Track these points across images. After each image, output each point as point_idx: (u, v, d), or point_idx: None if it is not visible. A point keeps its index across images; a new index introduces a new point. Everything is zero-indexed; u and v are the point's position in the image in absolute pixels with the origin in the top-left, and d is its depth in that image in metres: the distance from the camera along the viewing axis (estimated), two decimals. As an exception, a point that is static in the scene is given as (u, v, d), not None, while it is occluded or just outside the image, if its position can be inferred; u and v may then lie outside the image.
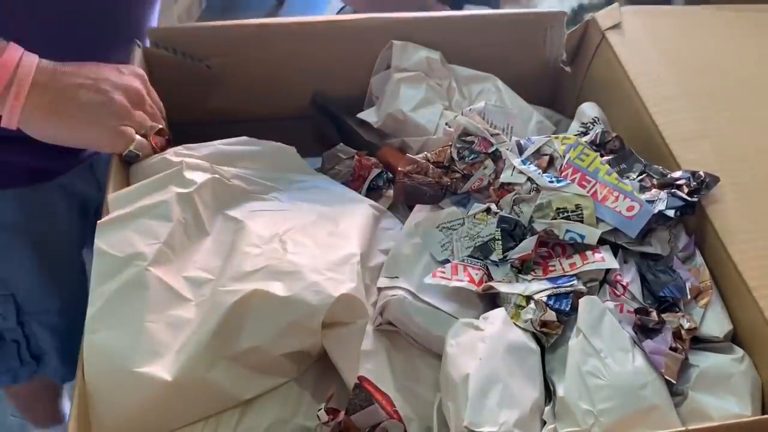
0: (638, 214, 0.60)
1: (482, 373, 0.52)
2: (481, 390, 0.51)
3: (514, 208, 0.63)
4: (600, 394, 0.52)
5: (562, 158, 0.65)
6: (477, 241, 0.62)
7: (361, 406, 0.50)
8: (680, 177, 0.64)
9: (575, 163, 0.64)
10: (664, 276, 0.60)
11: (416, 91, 0.78)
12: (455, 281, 0.59)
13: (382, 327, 0.60)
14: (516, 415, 0.51)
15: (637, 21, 0.82)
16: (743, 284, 0.58)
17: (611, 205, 0.61)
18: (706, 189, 0.63)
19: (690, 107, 0.72)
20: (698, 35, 0.83)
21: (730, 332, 0.59)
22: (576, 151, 0.64)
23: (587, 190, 0.62)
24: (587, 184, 0.63)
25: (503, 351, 0.54)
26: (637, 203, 0.60)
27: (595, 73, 0.83)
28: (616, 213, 0.61)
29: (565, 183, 0.62)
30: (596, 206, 0.62)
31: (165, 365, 0.53)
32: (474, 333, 0.55)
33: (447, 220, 0.65)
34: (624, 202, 0.61)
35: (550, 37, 0.86)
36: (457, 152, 0.67)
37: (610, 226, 0.61)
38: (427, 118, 0.77)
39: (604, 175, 0.63)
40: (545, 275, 0.59)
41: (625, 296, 0.58)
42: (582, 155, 0.64)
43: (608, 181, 0.62)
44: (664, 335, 0.56)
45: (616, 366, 0.53)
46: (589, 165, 0.63)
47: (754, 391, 0.56)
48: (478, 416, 0.50)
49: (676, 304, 0.59)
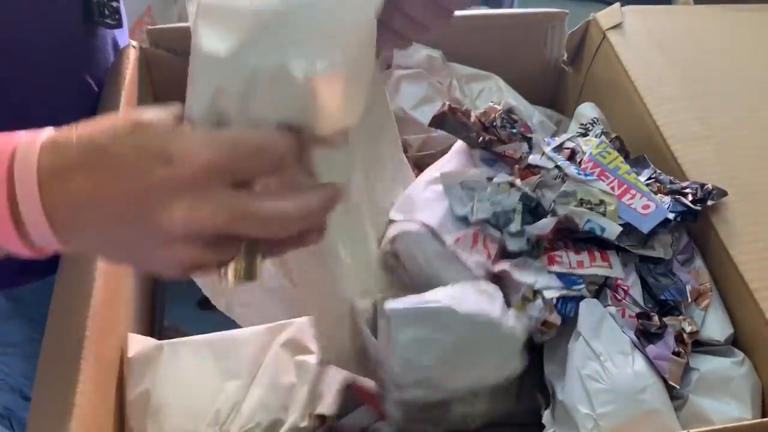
0: (653, 213, 0.60)
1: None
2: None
3: (536, 191, 0.62)
4: (600, 398, 0.52)
5: (583, 153, 0.65)
6: (497, 208, 0.61)
7: (349, 410, 0.50)
8: (687, 186, 0.64)
9: (596, 158, 0.64)
10: (664, 279, 0.60)
11: (417, 89, 0.78)
12: (475, 255, 0.58)
13: (386, 257, 0.59)
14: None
15: (638, 21, 0.81)
16: (744, 286, 0.58)
17: (627, 201, 0.61)
18: (712, 200, 0.63)
19: (691, 108, 0.72)
20: (700, 35, 0.82)
21: (731, 336, 0.59)
22: (599, 148, 0.64)
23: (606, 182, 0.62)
24: (605, 180, 0.62)
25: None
26: (653, 203, 0.60)
27: (596, 73, 0.83)
28: (631, 209, 0.60)
29: (593, 178, 0.62)
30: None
31: None
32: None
33: (471, 179, 0.63)
34: (640, 200, 0.60)
35: (551, 37, 0.85)
36: (500, 120, 0.66)
37: (622, 220, 0.60)
38: (428, 116, 0.77)
39: (624, 174, 0.62)
40: (551, 264, 0.59)
41: (627, 300, 0.58)
42: (604, 152, 0.64)
43: (627, 179, 0.62)
44: (666, 339, 0.55)
45: (615, 370, 0.53)
46: (609, 162, 0.63)
47: (755, 394, 0.56)
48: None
49: (677, 307, 0.59)
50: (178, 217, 0.36)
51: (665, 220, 0.61)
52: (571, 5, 0.92)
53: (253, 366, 0.59)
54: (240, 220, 0.37)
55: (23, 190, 0.36)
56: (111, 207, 0.37)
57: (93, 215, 0.37)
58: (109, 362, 0.55)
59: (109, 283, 0.55)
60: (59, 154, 0.37)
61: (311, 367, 0.59)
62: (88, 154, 0.37)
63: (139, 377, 0.57)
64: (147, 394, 0.56)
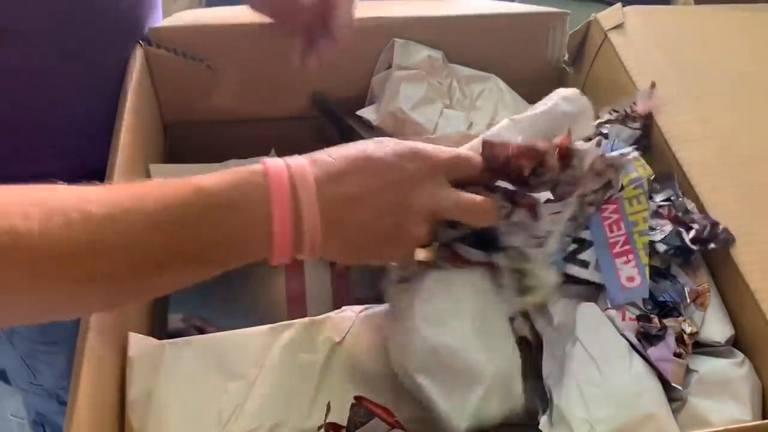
0: (631, 289, 0.57)
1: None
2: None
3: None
4: (596, 402, 0.52)
5: (617, 189, 0.59)
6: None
7: (362, 422, 0.50)
8: (698, 221, 0.61)
9: (623, 203, 0.60)
10: (662, 281, 0.60)
11: (416, 90, 0.78)
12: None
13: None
14: None
15: (639, 21, 0.81)
16: (745, 286, 0.58)
17: (618, 263, 0.58)
18: (716, 244, 0.59)
19: (693, 108, 0.72)
20: (702, 35, 0.82)
21: (731, 337, 0.59)
22: (633, 192, 0.60)
23: (611, 234, 0.58)
24: (616, 229, 0.59)
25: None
26: (640, 278, 0.57)
27: (597, 73, 0.82)
28: (615, 274, 0.57)
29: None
30: (604, 253, 0.58)
31: None
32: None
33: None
34: (630, 269, 0.57)
35: (552, 38, 0.85)
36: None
37: (598, 276, 0.57)
38: (427, 117, 0.77)
39: (636, 234, 0.58)
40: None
41: (626, 303, 0.58)
42: (634, 200, 0.60)
43: (635, 240, 0.58)
44: (668, 341, 0.55)
45: (612, 374, 0.53)
46: (632, 214, 0.59)
47: (755, 395, 0.55)
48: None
49: (676, 308, 0.59)
50: (425, 197, 0.48)
51: (674, 247, 0.59)
52: (573, 5, 0.92)
53: (255, 366, 0.59)
54: (455, 206, 0.50)
55: (305, 198, 0.44)
56: (377, 197, 0.47)
57: (362, 206, 0.47)
58: (109, 362, 0.55)
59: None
60: (328, 165, 0.46)
61: (315, 368, 0.59)
62: (356, 160, 0.47)
63: (140, 377, 0.57)
64: (148, 394, 0.56)
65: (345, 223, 0.46)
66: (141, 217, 0.40)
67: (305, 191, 0.44)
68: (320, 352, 0.60)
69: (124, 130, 0.68)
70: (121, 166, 0.65)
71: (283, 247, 0.45)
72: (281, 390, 0.58)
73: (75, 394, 0.48)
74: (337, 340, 0.61)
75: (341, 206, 0.46)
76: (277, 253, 0.45)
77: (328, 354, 0.60)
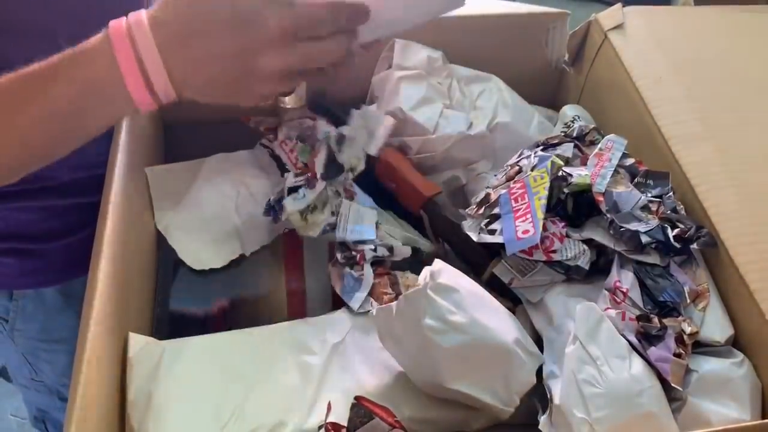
0: (525, 239, 0.59)
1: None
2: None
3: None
4: (595, 402, 0.52)
5: (525, 172, 0.65)
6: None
7: (362, 422, 0.50)
8: (684, 221, 0.62)
9: (528, 180, 0.64)
10: (662, 281, 0.60)
11: (416, 90, 0.78)
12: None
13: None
14: None
15: (639, 21, 0.81)
16: (745, 287, 0.58)
17: (518, 222, 0.61)
18: (697, 244, 0.61)
19: (693, 108, 0.72)
20: (702, 36, 0.82)
21: (731, 337, 0.59)
22: (538, 172, 0.64)
23: (516, 204, 0.63)
24: (520, 200, 0.63)
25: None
26: (533, 230, 0.60)
27: (597, 73, 0.82)
28: (513, 230, 0.61)
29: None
30: (508, 218, 0.62)
31: None
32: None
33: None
34: (527, 225, 0.60)
35: (552, 38, 0.85)
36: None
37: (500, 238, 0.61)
38: (426, 117, 0.77)
39: (536, 199, 0.62)
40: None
41: (626, 303, 0.58)
42: (539, 177, 0.64)
43: (534, 204, 0.62)
44: (667, 341, 0.55)
45: (612, 374, 0.53)
46: (535, 186, 0.63)
47: (754, 395, 0.56)
48: None
49: (675, 308, 0.59)
50: (270, 58, 0.51)
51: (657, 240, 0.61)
52: (573, 5, 0.92)
53: (255, 367, 0.59)
54: (302, 57, 0.52)
55: (147, 54, 0.49)
56: (222, 62, 0.50)
57: (199, 43, 0.50)
58: (109, 362, 0.55)
59: (110, 283, 0.55)
60: (162, 7, 0.50)
61: (315, 368, 0.59)
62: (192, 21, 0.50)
63: (139, 377, 0.57)
64: (148, 394, 0.56)
65: (187, 55, 0.50)
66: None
67: (140, 32, 0.49)
68: (320, 352, 0.60)
69: (124, 130, 0.68)
70: (121, 166, 0.65)
71: (137, 86, 0.50)
72: (281, 390, 0.58)
73: (75, 394, 0.48)
74: (337, 340, 0.61)
75: (177, 41, 0.50)
76: (136, 96, 0.50)
77: (328, 354, 0.60)
